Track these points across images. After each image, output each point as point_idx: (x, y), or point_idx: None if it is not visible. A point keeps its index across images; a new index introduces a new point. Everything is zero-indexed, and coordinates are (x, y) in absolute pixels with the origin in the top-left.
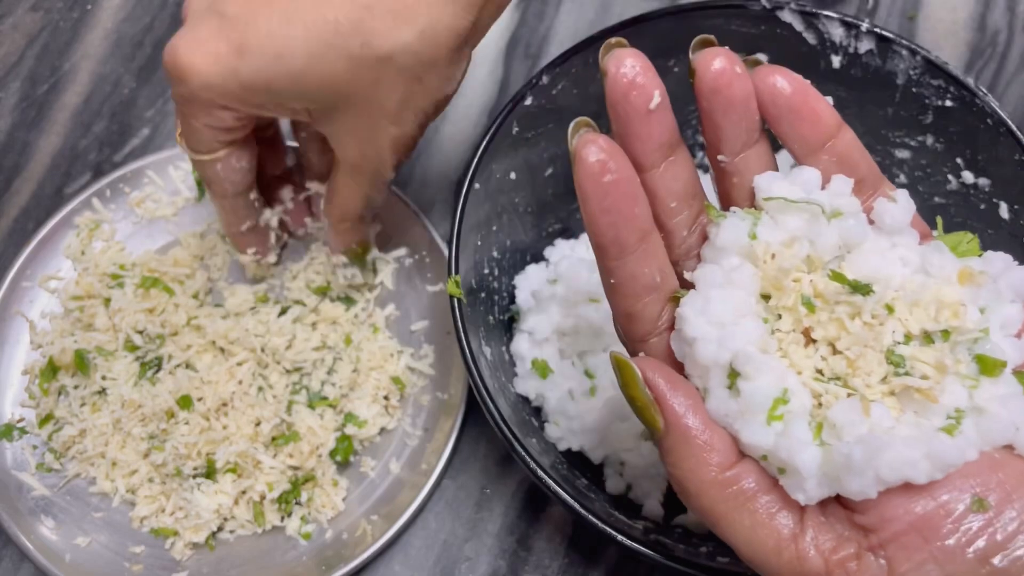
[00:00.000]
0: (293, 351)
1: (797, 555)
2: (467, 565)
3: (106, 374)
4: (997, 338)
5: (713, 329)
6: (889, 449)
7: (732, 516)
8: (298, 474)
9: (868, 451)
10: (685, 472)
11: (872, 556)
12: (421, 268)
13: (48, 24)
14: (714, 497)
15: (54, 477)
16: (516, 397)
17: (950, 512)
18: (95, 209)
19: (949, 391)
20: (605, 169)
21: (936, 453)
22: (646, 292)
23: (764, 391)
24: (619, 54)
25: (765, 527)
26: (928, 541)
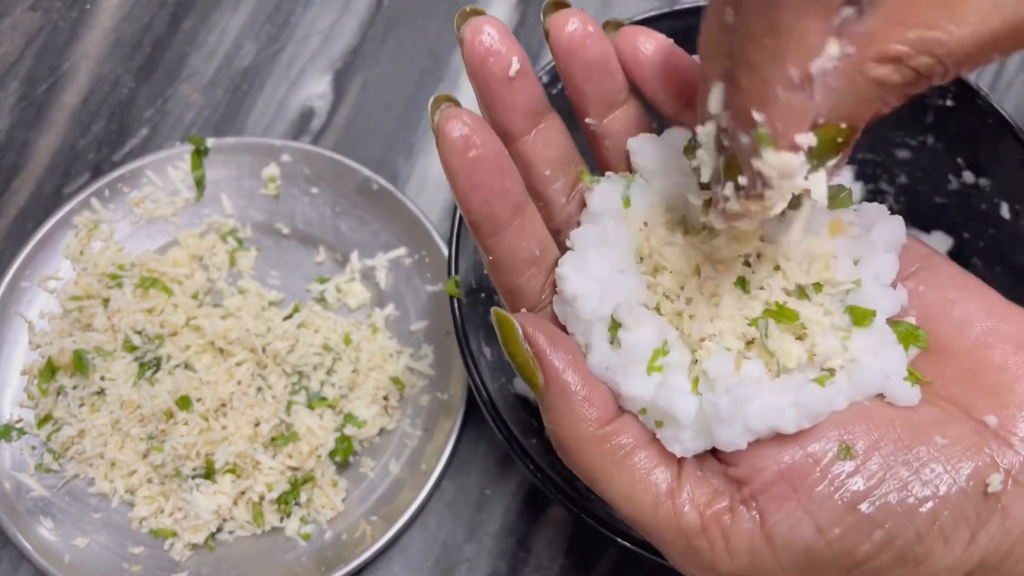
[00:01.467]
0: (295, 355)
1: (673, 510)
2: (467, 566)
3: (105, 374)
4: (870, 289)
5: (593, 285)
6: (757, 398)
7: (610, 472)
8: (297, 475)
9: (736, 400)
10: (564, 428)
11: (744, 509)
12: (421, 268)
13: (47, 23)
14: (592, 452)
15: (53, 478)
16: (516, 397)
17: (818, 461)
18: (94, 209)
19: (822, 343)
20: (469, 144)
21: (804, 402)
22: (527, 266)
23: (644, 341)
24: (475, 22)
25: (642, 482)
26: (797, 490)
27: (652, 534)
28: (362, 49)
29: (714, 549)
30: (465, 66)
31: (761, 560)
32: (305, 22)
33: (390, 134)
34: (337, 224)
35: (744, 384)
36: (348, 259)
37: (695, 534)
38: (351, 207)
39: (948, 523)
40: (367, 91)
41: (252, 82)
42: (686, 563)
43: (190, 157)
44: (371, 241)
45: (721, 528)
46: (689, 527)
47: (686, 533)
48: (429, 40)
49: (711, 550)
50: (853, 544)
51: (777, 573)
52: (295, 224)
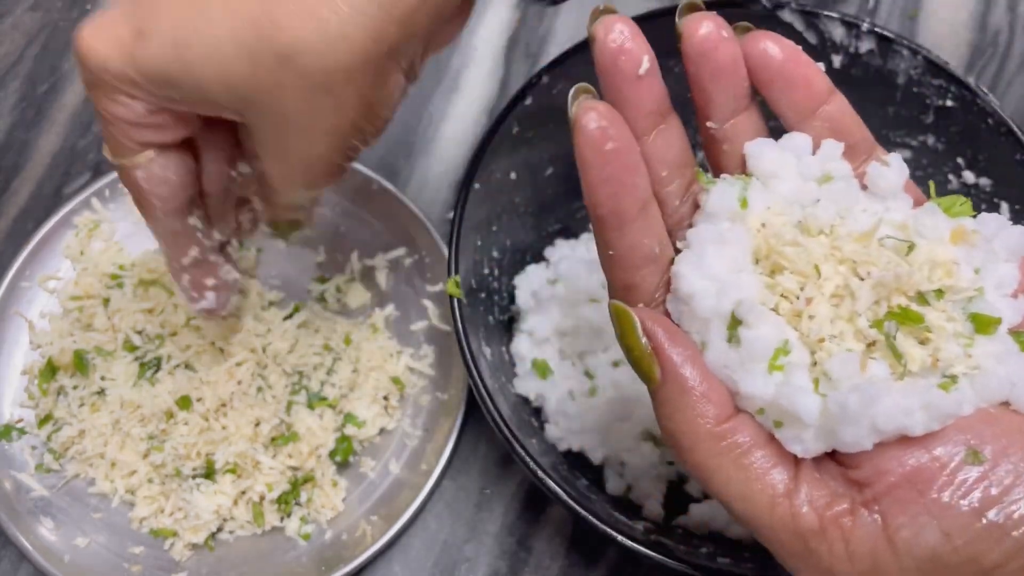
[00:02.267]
0: (296, 355)
1: (791, 511)
2: (467, 566)
3: (105, 374)
4: (992, 297)
5: (710, 283)
6: (885, 397)
7: (726, 470)
8: (297, 475)
9: (864, 399)
10: (679, 424)
11: (866, 512)
12: (421, 268)
13: (47, 24)
14: (708, 451)
15: (53, 478)
16: (516, 397)
17: (945, 465)
18: (94, 209)
19: (945, 348)
20: (606, 136)
21: (933, 403)
22: (645, 263)
23: (765, 340)
24: (607, 20)
25: (759, 481)
26: (923, 494)
27: (767, 535)
28: None
29: (833, 552)
30: (595, 64)
31: (883, 565)
32: None
33: (390, 134)
34: (337, 224)
35: (871, 383)
36: (348, 259)
37: (813, 536)
38: (351, 207)
39: None
40: None
41: None
42: (802, 566)
43: None
44: (371, 241)
45: (841, 531)
46: (807, 528)
47: (803, 535)
48: None
49: (830, 553)
50: (981, 551)
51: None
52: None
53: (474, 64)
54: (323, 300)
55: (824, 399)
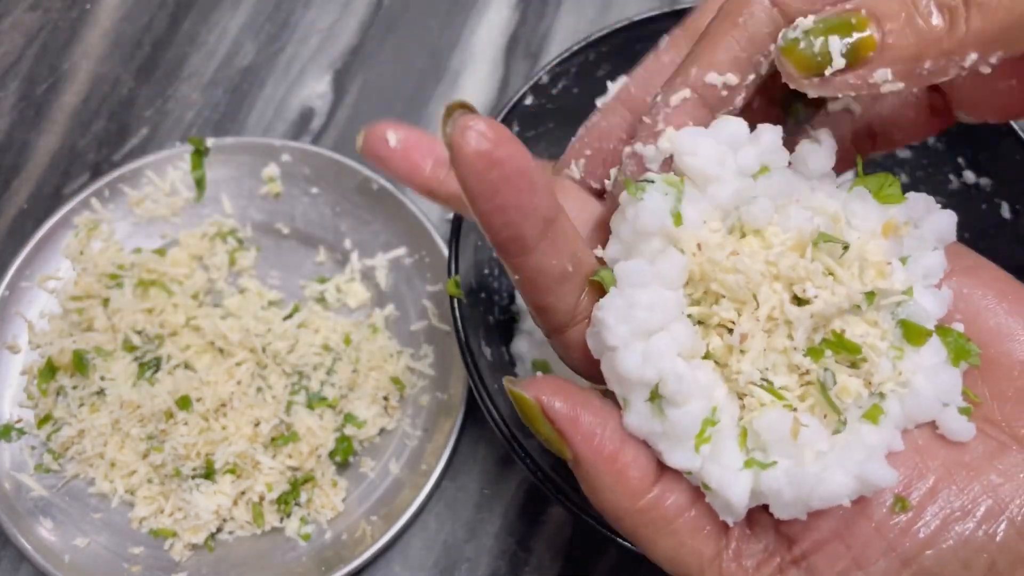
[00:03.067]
0: (295, 355)
1: (720, 574)
2: (467, 566)
3: (105, 374)
4: (920, 293)
5: (637, 341)
6: (821, 485)
7: (653, 539)
8: (297, 475)
9: (800, 489)
10: (601, 501)
11: (795, 570)
12: (421, 268)
13: (47, 24)
14: (635, 523)
15: (53, 478)
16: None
17: (872, 517)
18: (94, 209)
19: (877, 372)
20: (491, 161)
21: (867, 475)
22: (558, 284)
23: (692, 416)
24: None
25: (687, 547)
26: (851, 548)
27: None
28: (362, 49)
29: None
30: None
31: None
32: (305, 22)
33: None
34: (337, 224)
35: (806, 472)
36: (348, 259)
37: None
38: (351, 207)
39: (1005, 569)
40: (367, 91)
41: (252, 82)
42: None
43: (190, 157)
44: (371, 241)
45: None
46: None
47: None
48: (429, 40)
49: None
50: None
51: None
52: (295, 224)
53: (474, 64)
54: (322, 300)
55: (757, 473)
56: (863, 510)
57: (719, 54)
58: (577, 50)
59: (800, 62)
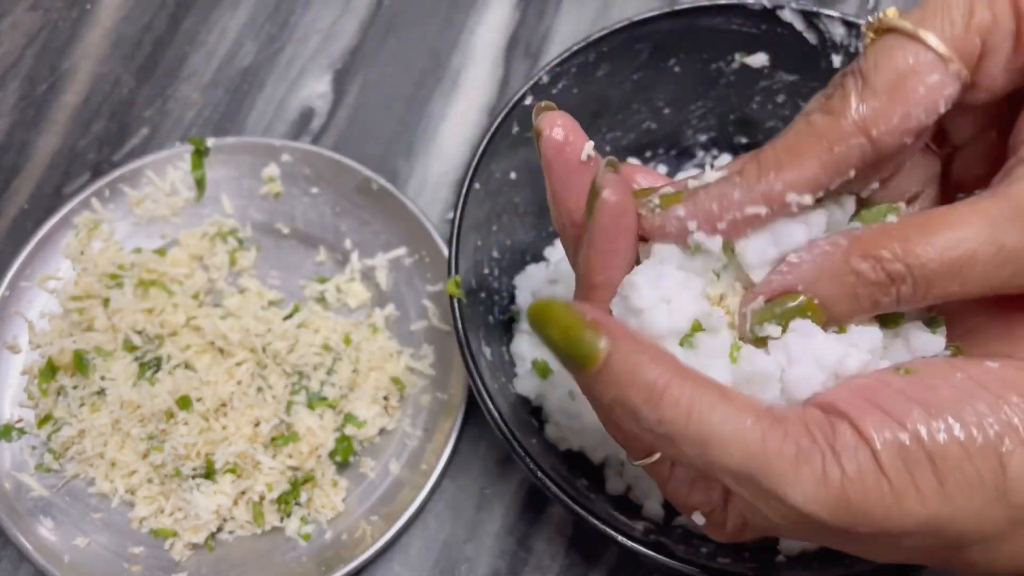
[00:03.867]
0: (295, 355)
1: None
2: (467, 566)
3: (105, 374)
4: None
5: (662, 303)
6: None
7: (708, 399)
8: (297, 475)
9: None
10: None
11: (838, 421)
12: (421, 268)
13: (47, 23)
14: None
15: (53, 478)
16: (516, 397)
17: (885, 380)
18: (94, 209)
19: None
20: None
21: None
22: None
23: (724, 341)
24: (551, 116)
25: (742, 404)
26: (877, 404)
27: (759, 451)
28: (362, 49)
29: (825, 457)
30: (541, 155)
31: (868, 467)
32: (305, 22)
33: (390, 134)
34: (337, 224)
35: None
36: (348, 259)
37: (805, 442)
38: (351, 207)
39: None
40: (367, 91)
41: (252, 82)
42: (798, 476)
43: (190, 157)
44: (371, 241)
45: (826, 437)
46: (798, 436)
47: (796, 441)
48: (429, 40)
49: (823, 458)
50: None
51: (883, 486)
52: (295, 224)
53: (474, 64)
54: (323, 300)
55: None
56: (875, 377)
57: (804, 177)
58: (577, 50)
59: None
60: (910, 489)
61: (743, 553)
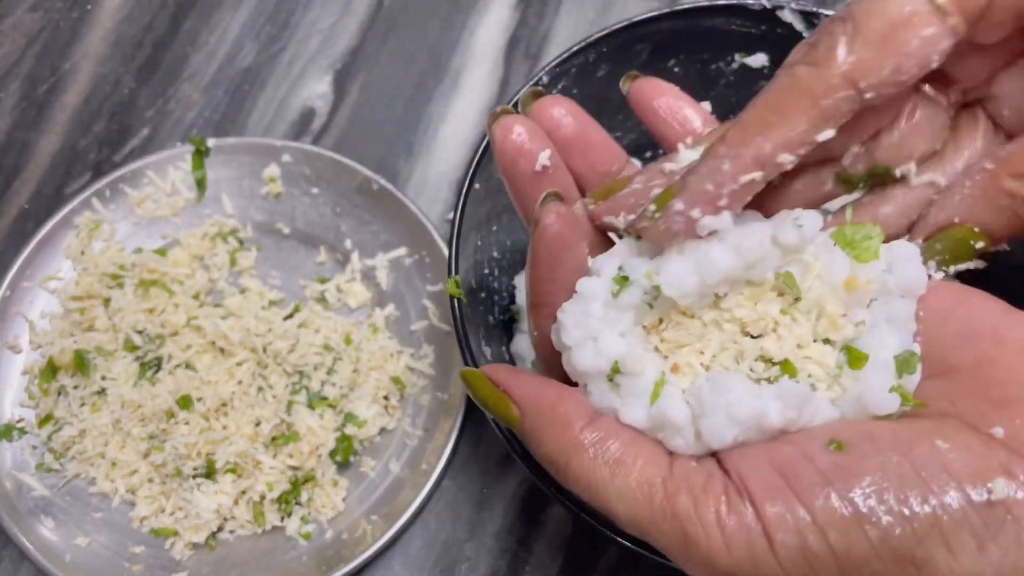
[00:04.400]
0: (296, 354)
1: (666, 495)
2: (467, 565)
3: (106, 374)
4: (880, 331)
5: (589, 341)
6: (739, 385)
7: (602, 474)
8: (298, 474)
9: (717, 387)
10: (550, 445)
11: (739, 499)
12: (421, 268)
13: (48, 24)
14: (581, 461)
15: (54, 477)
16: None
17: (810, 456)
18: (95, 209)
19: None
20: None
21: (787, 392)
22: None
23: (645, 382)
24: (506, 121)
25: (636, 477)
26: (790, 483)
27: (650, 528)
28: (362, 49)
29: (710, 539)
30: (496, 164)
31: (760, 556)
32: (305, 22)
33: (390, 134)
34: (337, 224)
35: (726, 374)
36: (348, 259)
37: (689, 521)
38: (351, 207)
39: (949, 527)
40: (367, 91)
41: (252, 82)
42: (684, 556)
43: (191, 157)
44: (371, 241)
45: (717, 517)
46: (683, 513)
47: (681, 520)
48: (429, 40)
49: (707, 540)
50: (850, 543)
51: (776, 571)
52: (295, 224)
53: (474, 64)
54: (323, 300)
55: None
56: (800, 451)
57: (794, 134)
58: (577, 50)
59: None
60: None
61: None
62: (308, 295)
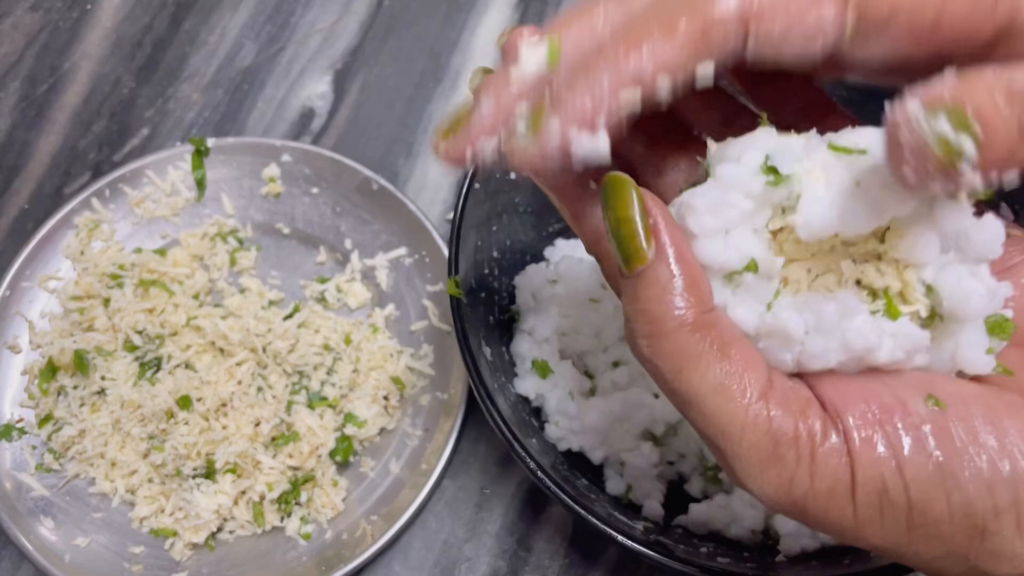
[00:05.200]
0: (296, 354)
1: (767, 410)
2: (467, 565)
3: (105, 374)
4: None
5: (719, 233)
6: (860, 315)
7: (706, 360)
8: (298, 474)
9: (842, 311)
10: (664, 306)
11: (832, 429)
12: (421, 268)
13: (48, 24)
14: (688, 338)
15: (53, 477)
16: (516, 397)
17: (904, 403)
18: (94, 209)
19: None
20: None
21: (904, 333)
22: None
23: (769, 287)
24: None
25: (737, 376)
26: (883, 422)
27: (731, 431)
28: (362, 49)
29: (800, 462)
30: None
31: (839, 491)
32: (305, 22)
33: (390, 134)
34: (337, 224)
35: (850, 297)
36: (348, 259)
37: (785, 440)
38: (351, 207)
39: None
40: (367, 91)
41: (252, 82)
42: (759, 473)
43: (190, 157)
44: (371, 241)
45: (811, 442)
46: (780, 432)
47: (776, 437)
48: (429, 40)
49: (796, 462)
50: (930, 500)
51: (847, 510)
52: (295, 224)
53: (474, 64)
54: (323, 300)
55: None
56: (896, 396)
57: (677, 55)
58: None
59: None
60: (874, 523)
61: (743, 553)
62: (308, 295)
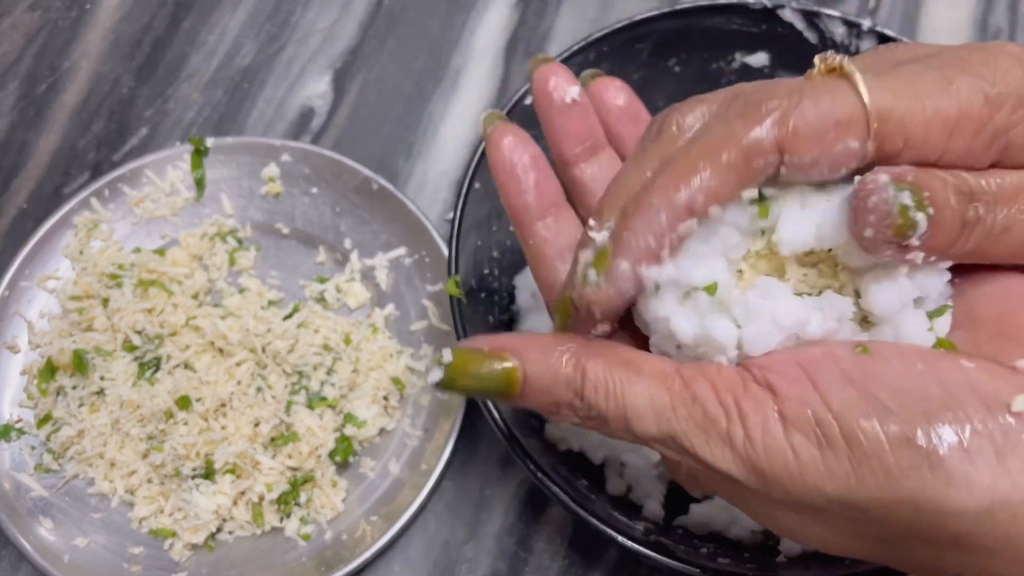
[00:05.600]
0: (295, 354)
1: (684, 382)
2: (467, 566)
3: (104, 374)
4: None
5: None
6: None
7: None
8: (297, 475)
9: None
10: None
11: (757, 387)
12: (421, 268)
13: (47, 23)
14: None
15: (52, 478)
16: None
17: (835, 356)
18: (94, 209)
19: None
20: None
21: (828, 304)
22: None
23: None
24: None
25: (650, 370)
26: (811, 376)
27: (670, 416)
28: (362, 49)
29: (729, 415)
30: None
31: (773, 431)
32: (305, 22)
33: (390, 134)
34: (337, 224)
35: (772, 282)
36: (348, 259)
37: (711, 401)
38: (351, 207)
39: (968, 433)
40: (367, 91)
41: (252, 82)
42: (705, 440)
43: (190, 157)
44: (371, 241)
45: (733, 393)
46: (702, 395)
47: (702, 402)
48: (429, 40)
49: (727, 418)
50: (864, 430)
51: (787, 453)
52: (295, 224)
53: (474, 64)
54: (322, 300)
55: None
56: (826, 351)
57: (725, 186)
58: (577, 50)
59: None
60: (816, 466)
61: (743, 553)
62: (307, 295)
